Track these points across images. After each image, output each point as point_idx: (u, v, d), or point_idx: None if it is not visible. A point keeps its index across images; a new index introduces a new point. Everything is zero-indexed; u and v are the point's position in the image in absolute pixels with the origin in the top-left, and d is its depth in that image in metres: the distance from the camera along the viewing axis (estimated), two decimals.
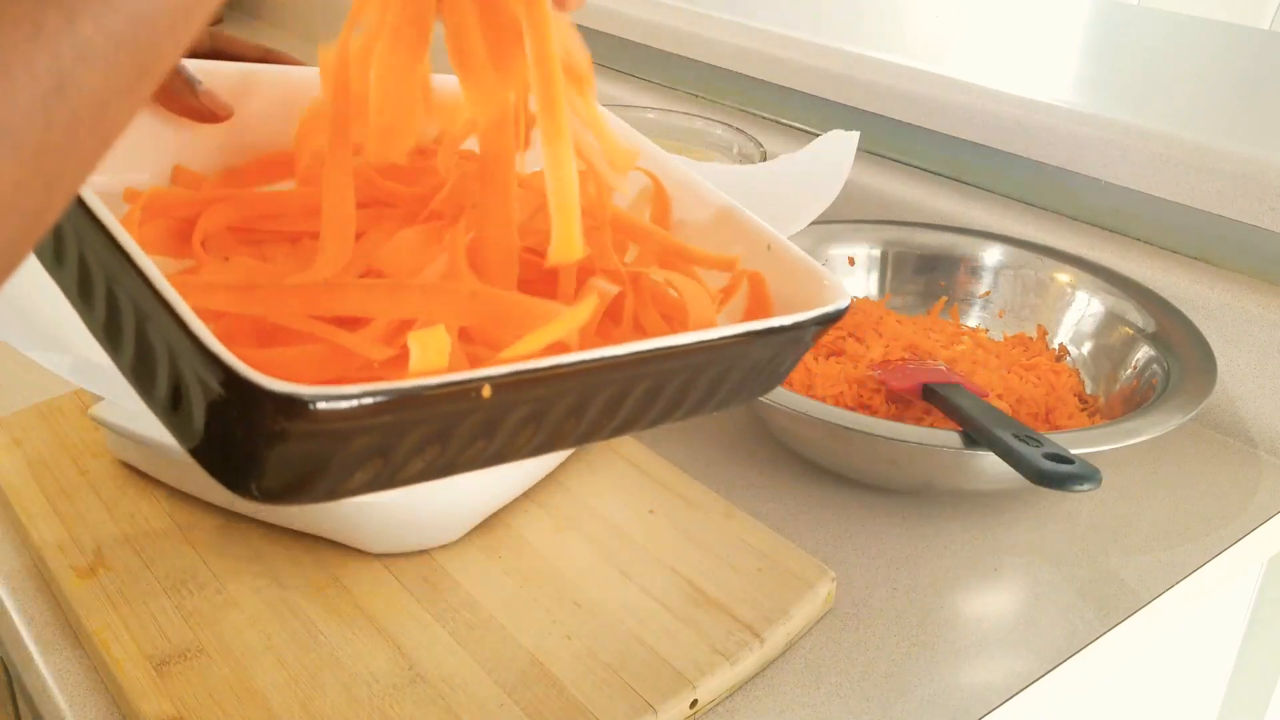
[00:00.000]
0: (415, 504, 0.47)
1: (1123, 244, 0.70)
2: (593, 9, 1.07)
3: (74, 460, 0.55)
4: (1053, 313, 0.66)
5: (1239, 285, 0.65)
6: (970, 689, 0.46)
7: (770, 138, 0.88)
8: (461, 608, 0.47)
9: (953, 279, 0.69)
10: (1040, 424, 0.58)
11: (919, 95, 0.79)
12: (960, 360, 0.62)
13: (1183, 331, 0.60)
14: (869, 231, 0.71)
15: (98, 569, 0.48)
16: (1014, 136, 0.74)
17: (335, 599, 0.47)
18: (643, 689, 0.42)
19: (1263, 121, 0.72)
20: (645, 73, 1.04)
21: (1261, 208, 0.64)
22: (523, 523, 0.52)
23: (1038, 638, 0.49)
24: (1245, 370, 0.64)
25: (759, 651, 0.45)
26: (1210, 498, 0.59)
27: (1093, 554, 0.54)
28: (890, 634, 0.49)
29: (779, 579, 0.48)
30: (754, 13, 0.95)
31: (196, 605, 0.47)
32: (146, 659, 0.44)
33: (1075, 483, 0.45)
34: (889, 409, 0.58)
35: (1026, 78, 0.79)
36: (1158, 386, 0.56)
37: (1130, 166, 0.69)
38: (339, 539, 0.50)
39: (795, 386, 0.59)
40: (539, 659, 0.44)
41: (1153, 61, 0.89)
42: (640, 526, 0.51)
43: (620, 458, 0.56)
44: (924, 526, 0.55)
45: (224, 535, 0.51)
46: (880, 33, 0.93)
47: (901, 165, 0.82)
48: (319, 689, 0.42)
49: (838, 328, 0.65)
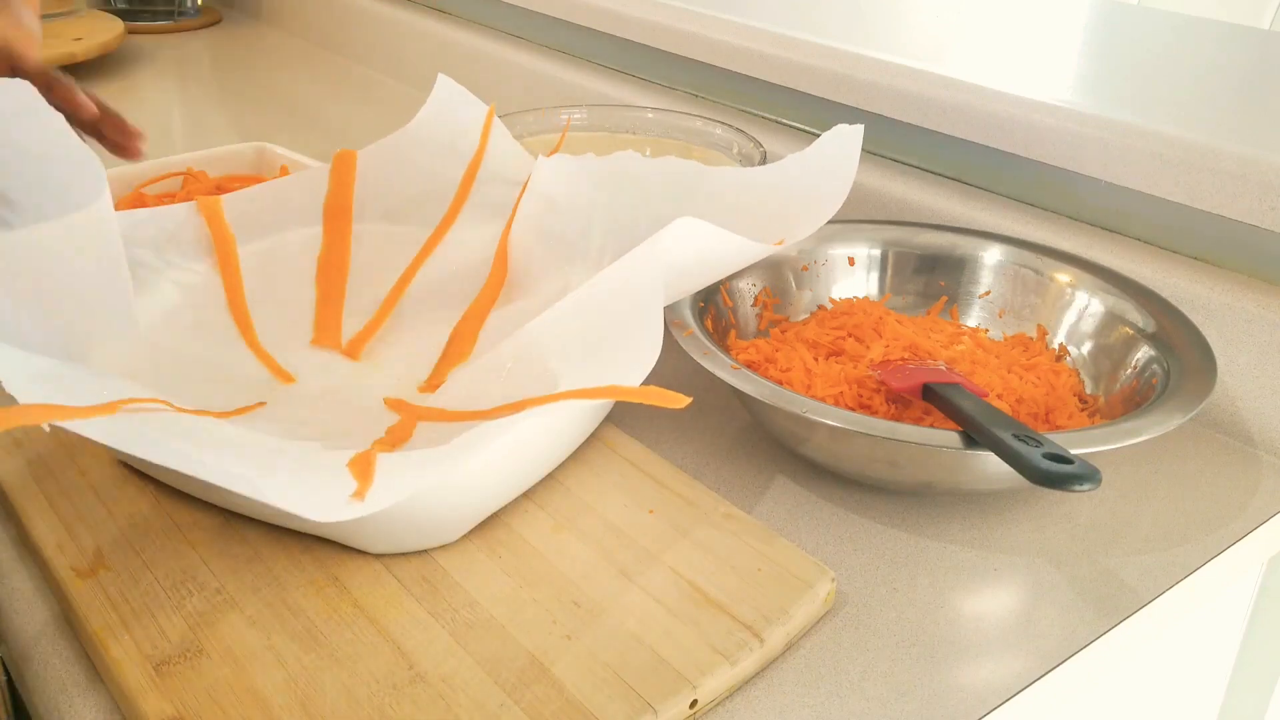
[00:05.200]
0: (415, 504, 0.47)
1: (1123, 244, 0.70)
2: (593, 9, 1.07)
3: (74, 460, 0.55)
4: (1053, 313, 0.66)
5: (1239, 285, 0.65)
6: (970, 689, 0.46)
7: (770, 138, 0.88)
8: (461, 608, 0.47)
9: (953, 279, 0.69)
10: (1040, 424, 0.58)
11: (919, 95, 0.79)
12: (960, 360, 0.62)
13: (1183, 331, 0.60)
14: (869, 231, 0.71)
15: (98, 569, 0.48)
16: (1014, 136, 0.74)
17: (335, 599, 0.47)
18: (642, 689, 0.42)
19: (1263, 121, 0.72)
20: (645, 73, 1.04)
21: (1261, 208, 0.64)
22: (523, 523, 0.52)
23: (1038, 638, 0.49)
24: (1245, 370, 0.64)
25: (759, 651, 0.45)
26: (1210, 498, 0.59)
27: (1093, 554, 0.54)
28: (890, 634, 0.49)
29: (779, 579, 0.48)
30: (754, 13, 0.95)
31: (196, 605, 0.47)
32: (146, 659, 0.44)
33: (1075, 483, 0.45)
34: (889, 409, 0.58)
35: (1026, 78, 0.79)
36: (1158, 386, 0.56)
37: (1130, 166, 0.69)
38: (339, 539, 0.50)
39: (795, 386, 0.59)
40: (539, 659, 0.44)
41: (1153, 61, 0.89)
42: (640, 526, 0.51)
43: (620, 458, 0.56)
44: (924, 526, 0.55)
45: (224, 535, 0.51)
46: (880, 33, 0.93)
47: (901, 165, 0.82)
48: (319, 689, 0.42)
49: (838, 328, 0.65)
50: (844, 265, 0.70)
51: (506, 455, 0.50)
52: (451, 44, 1.24)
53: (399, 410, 0.58)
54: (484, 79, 1.19)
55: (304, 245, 0.69)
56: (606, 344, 0.50)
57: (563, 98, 1.08)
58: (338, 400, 0.60)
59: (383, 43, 1.34)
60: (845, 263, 0.70)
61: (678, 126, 0.85)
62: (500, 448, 0.46)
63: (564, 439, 0.54)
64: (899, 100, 0.80)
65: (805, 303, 0.69)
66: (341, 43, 1.42)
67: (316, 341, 0.65)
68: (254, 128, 1.13)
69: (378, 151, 0.71)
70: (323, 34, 1.45)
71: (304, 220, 0.69)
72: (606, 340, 0.50)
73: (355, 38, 1.39)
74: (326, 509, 0.41)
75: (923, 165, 0.82)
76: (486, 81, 1.19)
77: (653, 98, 1.00)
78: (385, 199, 0.70)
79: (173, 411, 0.49)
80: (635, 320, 0.49)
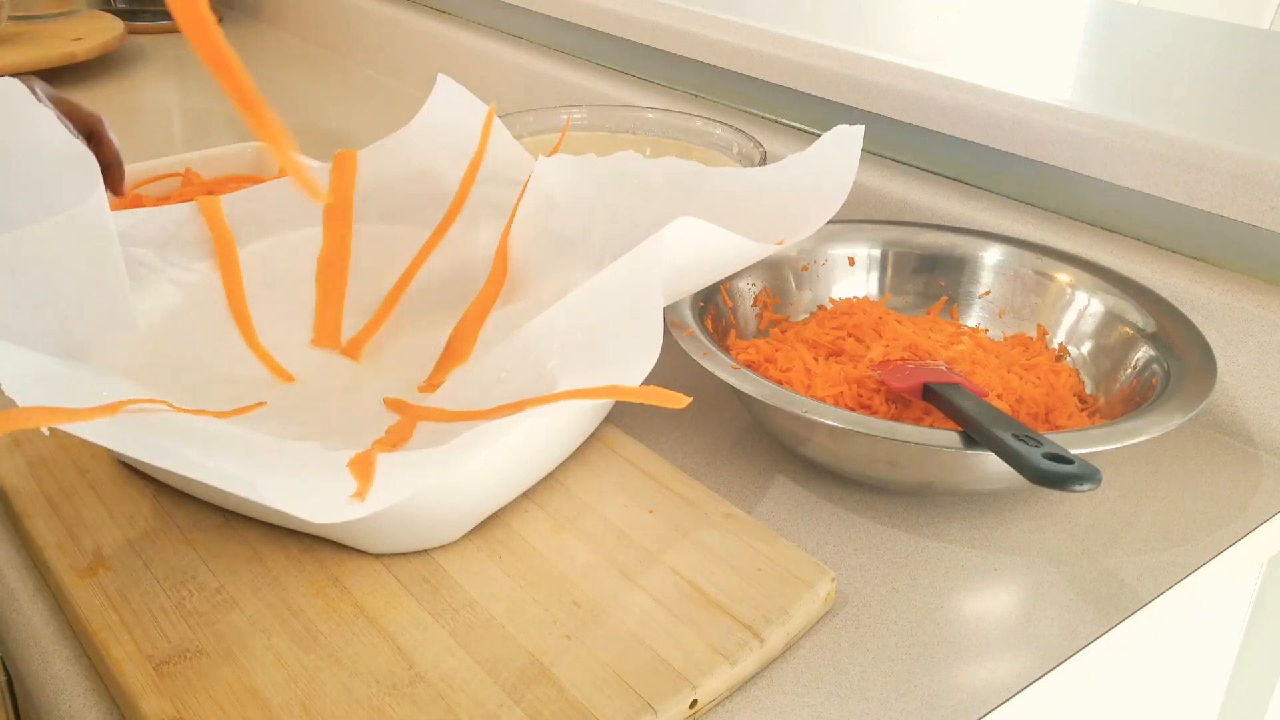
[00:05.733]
0: (415, 504, 0.47)
1: (1123, 244, 0.70)
2: (593, 9, 1.07)
3: (74, 460, 0.55)
4: (1053, 313, 0.66)
5: (1239, 285, 0.65)
6: (970, 689, 0.46)
7: (770, 138, 0.88)
8: (461, 608, 0.47)
9: (953, 279, 0.69)
10: (1040, 424, 0.58)
11: (919, 95, 0.79)
12: (960, 360, 0.62)
13: (1183, 331, 0.60)
14: (869, 231, 0.71)
15: (98, 569, 0.48)
16: (1014, 136, 0.74)
17: (335, 599, 0.47)
18: (642, 689, 0.42)
19: (1263, 121, 0.72)
20: (645, 73, 1.04)
21: (1261, 208, 0.64)
22: (523, 523, 0.52)
23: (1038, 638, 0.49)
24: (1245, 370, 0.64)
25: (759, 652, 0.45)
26: (1210, 498, 0.59)
27: (1093, 554, 0.54)
28: (890, 634, 0.49)
29: (779, 579, 0.48)
30: (754, 13, 0.95)
31: (196, 605, 0.47)
32: (146, 659, 0.44)
33: (1075, 483, 0.45)
34: (889, 409, 0.58)
35: (1026, 78, 0.79)
36: (1158, 386, 0.56)
37: (1130, 166, 0.69)
38: (339, 539, 0.50)
39: (795, 386, 0.59)
40: (539, 659, 0.44)
41: (1153, 61, 0.89)
42: (640, 526, 0.51)
43: (620, 458, 0.56)
44: (924, 526, 0.55)
45: (224, 535, 0.51)
46: (880, 33, 0.93)
47: (901, 165, 0.82)
48: (319, 689, 0.42)
49: (838, 328, 0.65)
50: (844, 265, 0.70)
51: (506, 455, 0.50)
52: (451, 44, 1.24)
53: (399, 410, 0.58)
54: (484, 79, 1.19)
55: (304, 245, 0.68)
56: (606, 344, 0.50)
57: (563, 98, 1.09)
58: (337, 400, 0.60)
59: (383, 43, 1.34)
60: (845, 263, 0.70)
61: (678, 126, 0.85)
62: (500, 448, 0.46)
63: (564, 439, 0.54)
64: (899, 100, 0.80)
65: (805, 303, 0.69)
66: (341, 43, 1.42)
67: (316, 342, 0.65)
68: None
69: (378, 152, 0.71)
70: (323, 34, 1.45)
71: (304, 220, 0.69)
72: (606, 340, 0.50)
73: (355, 38, 1.39)
74: (327, 510, 0.41)
75: (923, 165, 0.82)
76: (486, 81, 1.19)
77: (653, 98, 1.00)
78: (385, 199, 0.70)
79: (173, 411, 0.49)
80: (635, 320, 0.49)
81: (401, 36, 1.31)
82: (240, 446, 0.48)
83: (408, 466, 0.44)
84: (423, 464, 0.44)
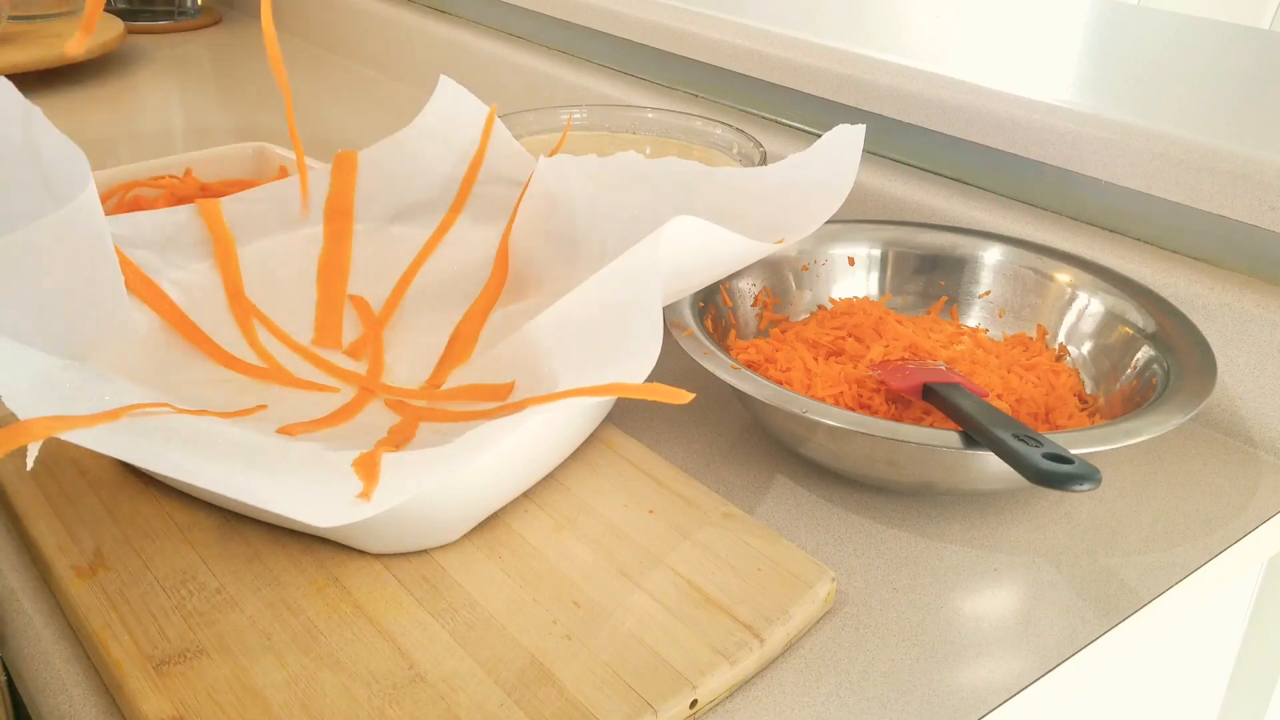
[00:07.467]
0: (415, 504, 0.47)
1: (1123, 244, 0.70)
2: (593, 9, 1.07)
3: (74, 460, 0.55)
4: (1053, 313, 0.66)
5: (1239, 285, 0.65)
6: (970, 689, 0.46)
7: (770, 138, 0.88)
8: (461, 608, 0.47)
9: (953, 279, 0.69)
10: (1040, 424, 0.58)
11: (919, 95, 0.79)
12: (960, 360, 0.62)
13: (1183, 331, 0.60)
14: (869, 231, 0.71)
15: (98, 569, 0.48)
16: (1014, 136, 0.74)
17: (335, 599, 0.47)
18: (642, 689, 0.42)
19: (1263, 121, 0.72)
20: (645, 73, 1.04)
21: (1261, 208, 0.64)
22: (523, 523, 0.52)
23: (1038, 638, 0.49)
24: (1245, 370, 0.64)
25: (759, 652, 0.45)
26: (1210, 498, 0.59)
27: (1093, 554, 0.54)
28: (890, 634, 0.49)
29: (779, 579, 0.48)
30: (754, 13, 0.95)
31: (196, 605, 0.47)
32: (146, 659, 0.44)
33: (1075, 483, 0.45)
34: (889, 409, 0.58)
35: (1026, 78, 0.79)
36: (1158, 386, 0.56)
37: (1130, 166, 0.69)
38: (339, 539, 0.50)
39: (795, 386, 0.59)
40: (539, 659, 0.44)
41: (1153, 61, 0.89)
42: (640, 526, 0.51)
43: (620, 458, 0.56)
44: (924, 526, 0.55)
45: (224, 535, 0.51)
46: (880, 33, 0.93)
47: (901, 165, 0.82)
48: (319, 689, 0.43)
49: (838, 328, 0.65)
50: (844, 265, 0.70)
51: (506, 455, 0.50)
52: (451, 44, 1.24)
53: (400, 411, 0.58)
54: (484, 79, 1.19)
55: (304, 246, 0.69)
56: (607, 343, 0.50)
57: (563, 98, 1.09)
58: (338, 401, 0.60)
59: (383, 43, 1.34)
60: (845, 263, 0.70)
61: (678, 126, 0.85)
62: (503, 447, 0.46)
63: (564, 439, 0.55)
64: (899, 100, 0.80)
65: (805, 303, 0.69)
66: (341, 43, 1.42)
67: (317, 342, 0.65)
68: (254, 128, 1.13)
69: (378, 152, 0.71)
70: (323, 34, 1.45)
71: (304, 221, 0.69)
72: (607, 339, 0.50)
73: (355, 38, 1.39)
74: (333, 514, 0.40)
75: (923, 165, 0.82)
76: (486, 81, 1.19)
77: (653, 98, 1.00)
78: (386, 199, 0.70)
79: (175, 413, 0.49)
80: (635, 319, 0.49)
81: (402, 37, 1.31)
82: (245, 447, 0.48)
83: (413, 466, 0.44)
84: (428, 463, 0.44)
